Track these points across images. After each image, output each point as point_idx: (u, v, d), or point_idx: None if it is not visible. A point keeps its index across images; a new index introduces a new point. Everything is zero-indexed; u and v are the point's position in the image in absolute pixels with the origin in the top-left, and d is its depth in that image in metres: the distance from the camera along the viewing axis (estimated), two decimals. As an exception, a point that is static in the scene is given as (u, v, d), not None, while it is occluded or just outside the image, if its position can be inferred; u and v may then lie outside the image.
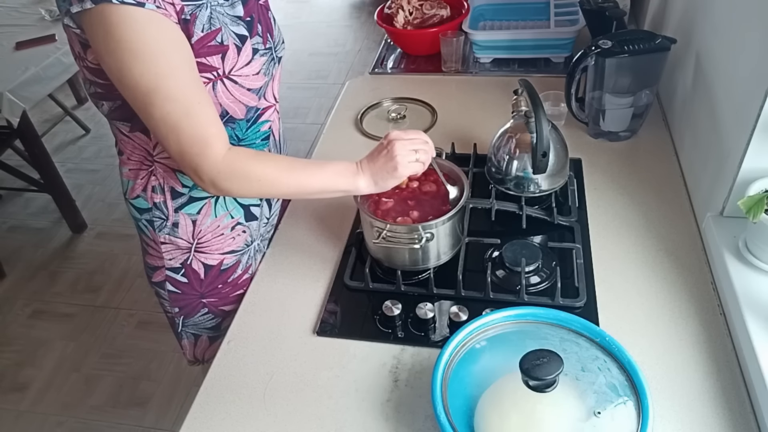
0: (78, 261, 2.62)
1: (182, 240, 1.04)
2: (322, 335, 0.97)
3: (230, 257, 1.09)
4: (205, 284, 1.10)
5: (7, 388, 2.12)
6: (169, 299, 1.11)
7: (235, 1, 0.91)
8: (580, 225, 1.10)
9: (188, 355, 1.23)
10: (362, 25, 4.38)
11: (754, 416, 0.80)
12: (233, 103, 0.93)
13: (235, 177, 0.88)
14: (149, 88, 0.79)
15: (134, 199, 1.03)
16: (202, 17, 0.84)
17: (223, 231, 1.07)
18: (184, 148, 0.84)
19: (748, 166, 0.92)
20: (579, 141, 1.31)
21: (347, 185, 0.95)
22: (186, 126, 0.82)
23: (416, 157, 0.94)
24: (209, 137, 0.85)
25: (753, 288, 0.88)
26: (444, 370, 0.77)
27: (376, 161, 0.94)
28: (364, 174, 0.94)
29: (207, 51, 0.86)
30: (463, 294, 0.99)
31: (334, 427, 0.84)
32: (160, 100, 0.80)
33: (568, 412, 0.72)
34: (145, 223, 1.04)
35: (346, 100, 1.59)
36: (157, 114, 0.81)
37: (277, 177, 0.92)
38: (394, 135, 0.94)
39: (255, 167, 0.90)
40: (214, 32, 0.86)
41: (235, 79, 0.91)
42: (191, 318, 1.15)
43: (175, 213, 1.02)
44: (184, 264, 1.07)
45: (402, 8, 1.74)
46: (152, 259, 1.08)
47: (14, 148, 2.75)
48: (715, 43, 1.08)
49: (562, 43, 1.62)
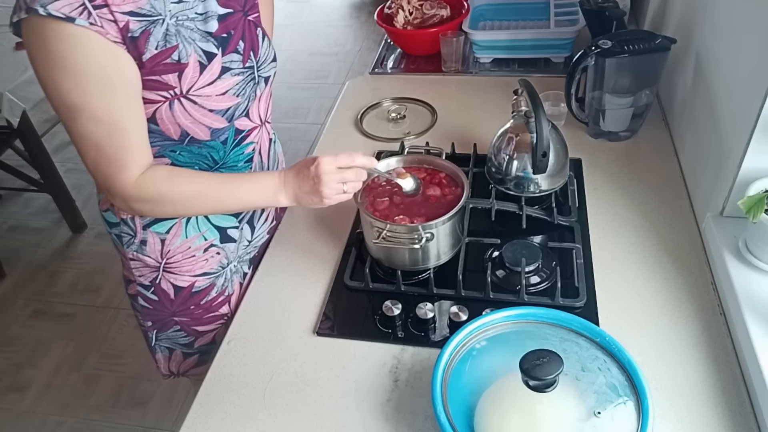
0: (78, 261, 2.62)
1: (150, 258, 1.02)
2: (322, 335, 0.97)
3: (203, 280, 1.06)
4: (176, 304, 1.07)
5: (7, 388, 2.12)
6: (141, 312, 1.10)
7: (210, 17, 0.87)
8: (580, 225, 1.10)
9: (163, 368, 1.20)
10: (362, 25, 4.38)
11: (754, 416, 0.80)
12: (193, 124, 0.89)
13: (147, 201, 0.88)
14: (75, 105, 0.78)
15: (105, 212, 1.03)
16: (157, 34, 0.80)
17: (194, 252, 1.04)
18: (99, 167, 0.84)
19: (748, 166, 0.91)
20: (579, 141, 1.31)
21: (268, 201, 0.94)
22: (106, 146, 0.81)
23: (343, 188, 0.91)
24: (126, 162, 0.84)
25: (753, 288, 0.88)
26: (444, 370, 0.77)
27: (301, 185, 0.91)
28: (287, 191, 0.93)
29: (162, 69, 0.82)
30: (463, 294, 0.99)
31: (334, 427, 0.84)
32: (83, 119, 0.79)
33: (568, 412, 0.72)
34: (114, 237, 1.04)
35: (346, 100, 1.59)
36: (79, 130, 0.80)
37: (192, 197, 0.90)
38: (324, 166, 0.88)
39: (168, 190, 0.88)
40: (170, 49, 0.82)
41: (194, 99, 0.87)
42: (164, 332, 1.13)
43: (143, 230, 1.00)
44: (153, 282, 1.05)
45: (402, 8, 1.74)
46: (127, 271, 1.07)
47: (14, 148, 2.75)
48: (715, 43, 1.08)
49: (562, 43, 1.62)
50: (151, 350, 1.18)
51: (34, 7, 0.71)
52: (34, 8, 0.71)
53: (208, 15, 0.86)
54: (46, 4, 0.71)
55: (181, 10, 0.83)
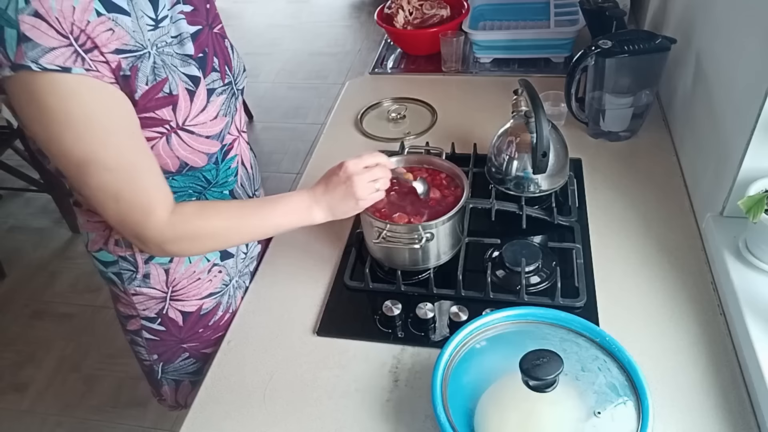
0: (78, 261, 2.62)
1: (155, 290, 0.98)
2: (322, 335, 0.97)
3: (209, 301, 1.03)
4: (184, 330, 1.04)
5: (7, 388, 2.12)
6: (147, 347, 1.06)
7: (184, 39, 0.82)
8: (580, 225, 1.10)
9: (169, 400, 1.17)
10: (362, 25, 4.38)
11: (754, 416, 0.80)
12: (192, 155, 0.86)
13: (184, 239, 0.83)
14: (83, 158, 0.72)
15: (97, 252, 0.96)
16: (145, 68, 0.76)
17: (199, 276, 1.00)
18: (124, 217, 0.78)
19: (748, 166, 0.91)
20: (579, 141, 1.31)
21: (302, 221, 0.90)
22: (126, 194, 0.76)
23: (376, 187, 0.90)
24: (151, 203, 0.79)
25: (753, 288, 0.88)
26: (444, 370, 0.77)
27: (333, 194, 0.89)
28: (320, 206, 0.90)
29: (155, 104, 0.78)
30: (463, 294, 0.99)
31: (334, 427, 0.84)
32: (96, 171, 0.73)
33: (568, 412, 0.72)
34: (111, 275, 0.97)
35: (346, 100, 1.59)
36: (93, 183, 0.75)
37: (228, 229, 0.87)
38: (352, 168, 0.88)
39: (203, 225, 0.85)
40: (161, 83, 0.78)
41: (191, 130, 0.83)
42: (171, 364, 1.09)
43: (145, 264, 0.95)
44: (160, 314, 1.01)
45: (402, 8, 1.74)
46: (124, 308, 1.02)
47: (14, 148, 2.75)
48: (715, 43, 1.08)
49: (562, 43, 1.62)
50: (156, 384, 1.14)
51: (24, 63, 0.65)
52: (22, 65, 0.65)
53: (182, 37, 0.82)
54: (37, 59, 0.66)
55: (158, 37, 0.78)
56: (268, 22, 4.59)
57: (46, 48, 0.66)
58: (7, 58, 0.66)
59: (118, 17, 0.73)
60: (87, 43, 0.69)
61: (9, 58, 0.66)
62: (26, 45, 0.65)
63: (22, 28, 0.65)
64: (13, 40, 0.65)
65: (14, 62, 0.66)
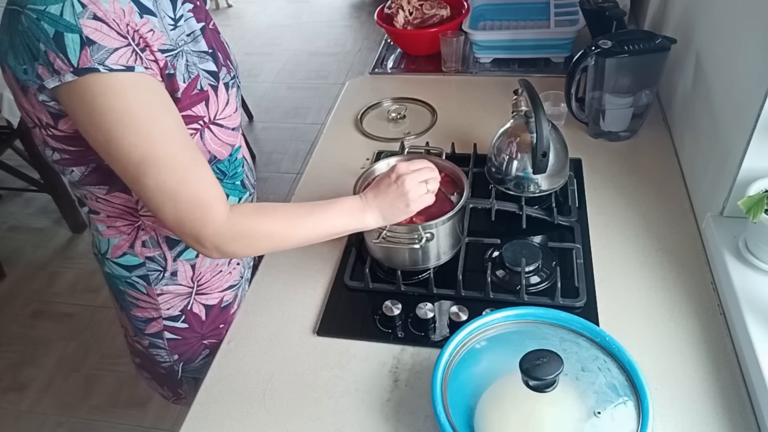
0: (78, 261, 2.62)
1: (182, 286, 1.00)
2: (322, 335, 0.97)
3: (229, 293, 1.07)
4: (205, 325, 1.06)
5: (7, 388, 2.12)
6: (168, 347, 1.06)
7: (197, 35, 0.84)
8: (580, 225, 1.10)
9: (189, 397, 1.16)
10: (362, 25, 4.38)
11: (754, 416, 0.80)
12: (220, 147, 0.89)
13: (242, 238, 0.83)
14: (142, 157, 0.73)
15: (120, 258, 0.95)
16: (181, 67, 0.78)
17: (221, 268, 1.04)
18: (182, 215, 0.78)
19: (748, 166, 0.92)
20: (579, 141, 1.31)
21: (356, 224, 0.90)
22: (184, 192, 0.76)
23: (427, 188, 0.91)
24: (210, 200, 0.79)
25: (753, 288, 0.88)
26: (444, 370, 0.77)
27: (384, 197, 0.90)
28: (372, 210, 0.90)
29: (191, 101, 0.81)
30: (463, 294, 0.99)
31: (334, 427, 0.84)
32: (154, 169, 0.74)
33: (568, 412, 0.72)
34: (135, 279, 0.97)
35: (346, 100, 1.59)
36: (152, 184, 0.75)
37: (285, 230, 0.86)
38: (403, 169, 0.90)
39: (261, 224, 0.84)
40: (194, 80, 0.81)
41: (220, 123, 0.86)
42: (191, 363, 1.10)
43: (174, 262, 0.97)
44: (184, 310, 1.02)
45: (402, 8, 1.74)
46: (143, 312, 1.02)
47: (14, 148, 2.75)
48: (715, 43, 1.08)
49: (562, 43, 1.62)
50: (175, 384, 1.15)
51: (91, 66, 0.67)
52: (89, 68, 0.67)
53: (195, 34, 0.84)
54: (104, 60, 0.67)
55: (178, 36, 0.80)
56: (268, 22, 4.59)
57: (111, 49, 0.68)
58: (68, 64, 0.66)
59: (150, 18, 0.74)
60: (141, 43, 0.71)
61: (71, 63, 0.66)
62: (91, 48, 0.66)
63: (85, 31, 0.66)
64: (76, 44, 0.66)
65: (78, 66, 0.66)
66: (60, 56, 0.66)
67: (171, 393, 1.19)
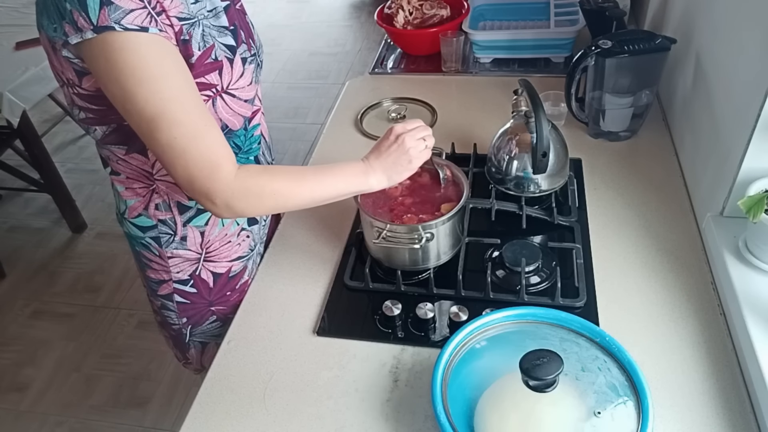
0: (78, 261, 2.62)
1: (191, 252, 1.04)
2: (322, 335, 0.97)
3: (237, 264, 1.09)
4: (213, 292, 1.09)
5: (7, 388, 2.12)
6: (177, 310, 1.10)
7: (219, 11, 0.89)
8: (580, 225, 1.10)
9: (195, 363, 1.22)
10: (362, 25, 4.38)
11: (754, 416, 0.80)
12: (232, 117, 0.92)
13: (250, 195, 0.86)
14: (155, 113, 0.77)
15: (135, 218, 1.01)
16: (197, 35, 0.84)
17: (230, 239, 1.07)
18: (193, 172, 0.81)
19: (748, 166, 0.92)
20: (579, 141, 1.31)
21: (360, 185, 0.94)
22: (194, 149, 0.80)
23: (425, 144, 0.95)
24: (219, 158, 0.82)
25: (753, 288, 0.88)
26: (444, 370, 0.77)
27: (387, 157, 0.94)
28: (375, 171, 0.94)
29: (205, 69, 0.85)
30: (463, 294, 0.99)
31: (334, 427, 0.84)
32: (166, 125, 0.78)
33: (568, 412, 0.72)
34: (149, 240, 1.02)
35: (346, 100, 1.59)
36: (164, 139, 0.79)
37: (291, 189, 0.90)
38: (400, 128, 0.95)
39: (268, 182, 0.88)
40: (209, 49, 0.86)
41: (233, 93, 0.90)
42: (199, 327, 1.14)
43: (183, 227, 1.01)
44: (193, 275, 1.06)
45: (402, 8, 1.74)
46: (156, 274, 1.06)
47: (14, 148, 2.75)
48: (715, 43, 1.08)
49: (562, 43, 1.62)
50: (183, 348, 1.18)
51: (108, 25, 0.73)
52: (107, 26, 0.73)
53: (217, 10, 0.89)
54: (120, 20, 0.73)
55: (198, 10, 0.85)
56: (268, 22, 4.58)
57: (127, 10, 0.74)
58: (89, 22, 0.73)
59: None
60: (157, 7, 0.77)
61: (92, 22, 0.73)
62: (109, 8, 0.73)
63: None
64: (96, 4, 0.72)
65: (97, 25, 0.73)
66: (83, 15, 0.73)
67: (181, 355, 1.23)
